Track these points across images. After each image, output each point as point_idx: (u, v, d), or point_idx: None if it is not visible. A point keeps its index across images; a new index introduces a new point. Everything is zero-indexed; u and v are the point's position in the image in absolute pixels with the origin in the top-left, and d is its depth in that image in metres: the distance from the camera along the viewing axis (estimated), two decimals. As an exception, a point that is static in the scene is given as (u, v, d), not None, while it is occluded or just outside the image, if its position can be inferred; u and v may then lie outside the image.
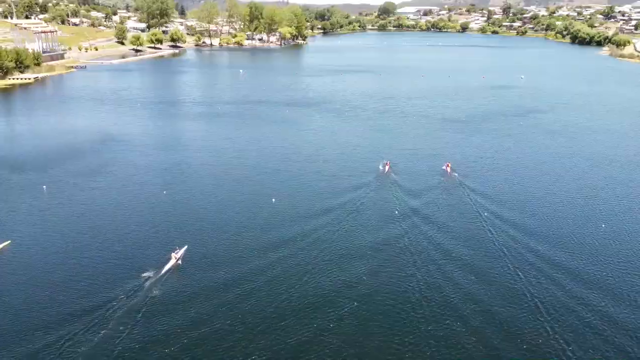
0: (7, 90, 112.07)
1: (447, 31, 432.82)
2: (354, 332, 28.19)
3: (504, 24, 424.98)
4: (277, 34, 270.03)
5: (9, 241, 36.87)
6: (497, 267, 35.31)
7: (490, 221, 42.88)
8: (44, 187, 49.16)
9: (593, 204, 47.63)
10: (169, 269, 33.44)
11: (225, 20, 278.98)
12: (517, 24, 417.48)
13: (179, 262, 34.40)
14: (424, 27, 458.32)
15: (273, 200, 46.70)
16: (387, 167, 57.04)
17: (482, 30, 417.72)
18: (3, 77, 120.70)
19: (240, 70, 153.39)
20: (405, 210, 45.12)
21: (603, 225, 42.43)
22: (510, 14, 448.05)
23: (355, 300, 30.83)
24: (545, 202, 47.99)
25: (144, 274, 32.65)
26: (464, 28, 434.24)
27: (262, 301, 30.61)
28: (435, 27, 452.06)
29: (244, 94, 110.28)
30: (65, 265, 34.11)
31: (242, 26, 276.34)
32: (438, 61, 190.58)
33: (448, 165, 57.59)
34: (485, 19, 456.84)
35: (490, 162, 61.11)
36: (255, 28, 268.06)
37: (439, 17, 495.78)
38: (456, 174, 55.38)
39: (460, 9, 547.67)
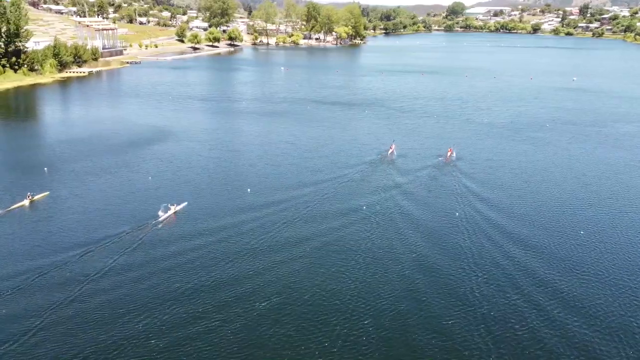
0: (63, 82, 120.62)
1: (516, 32, 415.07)
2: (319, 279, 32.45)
3: (579, 25, 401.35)
4: (334, 33, 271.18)
5: (48, 192, 45.77)
6: (454, 251, 36.23)
7: (468, 207, 44.17)
8: (45, 169, 52.90)
9: (584, 212, 44.26)
10: (166, 218, 40.41)
11: (283, 19, 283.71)
12: (594, 25, 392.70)
13: (176, 213, 41.28)
14: (492, 28, 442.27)
15: (248, 190, 47.34)
16: (391, 149, 60.55)
17: (555, 32, 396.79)
18: (61, 70, 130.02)
19: (282, 68, 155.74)
20: (390, 184, 49.86)
21: (582, 232, 39.40)
22: (588, 15, 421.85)
23: (313, 250, 35.95)
24: (533, 202, 45.43)
25: (148, 220, 40.00)
26: (536, 29, 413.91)
27: (238, 250, 35.78)
28: (504, 28, 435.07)
29: (275, 91, 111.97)
30: (89, 210, 42.37)
31: (300, 26, 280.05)
32: (491, 62, 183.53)
33: (450, 150, 59.83)
34: (559, 19, 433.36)
35: (495, 158, 59.87)
36: (312, 27, 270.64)
37: (510, 17, 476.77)
38: (455, 160, 57.91)
39: (534, 9, 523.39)
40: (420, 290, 30.75)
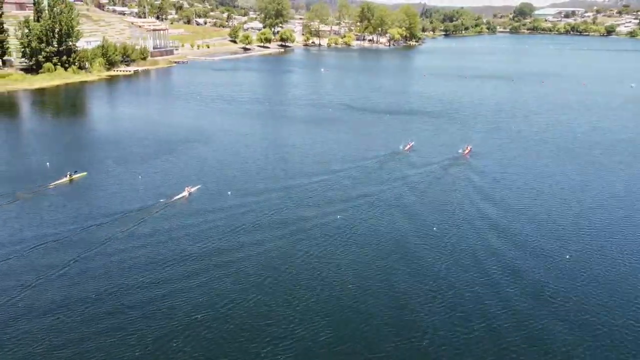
0: (109, 80, 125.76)
1: (588, 34, 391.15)
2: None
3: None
4: (388, 34, 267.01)
5: (86, 172, 51.90)
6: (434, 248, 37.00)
7: (464, 205, 44.94)
8: (48, 163, 54.80)
9: (577, 232, 39.86)
10: (181, 197, 45.79)
11: (335, 20, 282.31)
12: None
13: (190, 194, 46.29)
14: (562, 30, 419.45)
15: (229, 193, 46.64)
16: (408, 146, 61.37)
17: (631, 34, 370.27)
18: (109, 69, 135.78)
19: (322, 69, 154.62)
20: (397, 175, 52.23)
21: (567, 256, 35.37)
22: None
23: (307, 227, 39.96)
24: (533, 209, 43.04)
25: (164, 198, 45.37)
26: (610, 31, 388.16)
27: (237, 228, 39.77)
28: (574, 30, 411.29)
29: (306, 92, 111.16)
30: (119, 190, 48.21)
31: (354, 28, 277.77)
32: (548, 65, 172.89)
33: (468, 148, 60.17)
34: (638, 21, 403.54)
35: (510, 167, 56.91)
36: (365, 28, 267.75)
37: (583, 19, 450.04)
38: (470, 158, 58.06)
39: (610, 10, 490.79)
40: (392, 273, 33.10)
